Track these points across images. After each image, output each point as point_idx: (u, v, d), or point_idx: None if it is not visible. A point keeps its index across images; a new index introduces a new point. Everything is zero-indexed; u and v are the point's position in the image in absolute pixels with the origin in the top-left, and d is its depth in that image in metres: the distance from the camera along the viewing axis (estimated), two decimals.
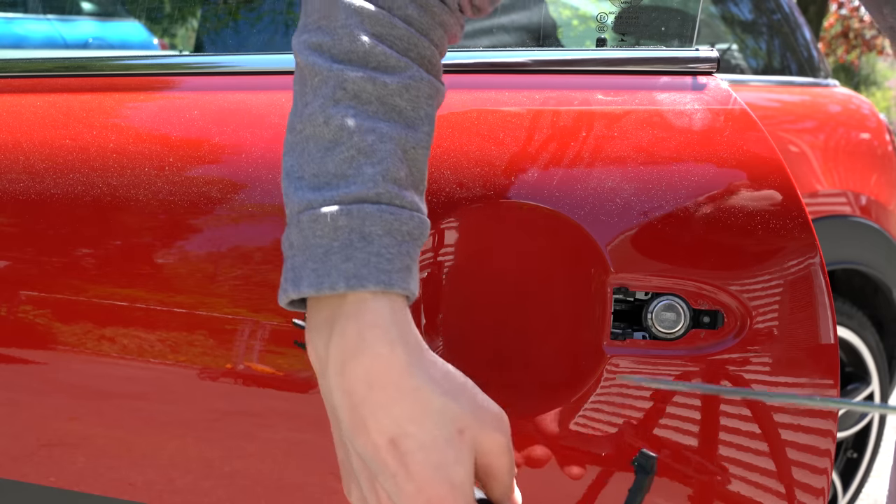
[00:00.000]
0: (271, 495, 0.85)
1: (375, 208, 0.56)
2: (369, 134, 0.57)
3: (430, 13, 0.62)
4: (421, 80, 0.61)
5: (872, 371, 2.17)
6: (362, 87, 0.58)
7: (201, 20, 1.68)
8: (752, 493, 0.79)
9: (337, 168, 0.57)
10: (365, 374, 0.55)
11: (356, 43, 0.59)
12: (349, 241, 0.55)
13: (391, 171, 0.57)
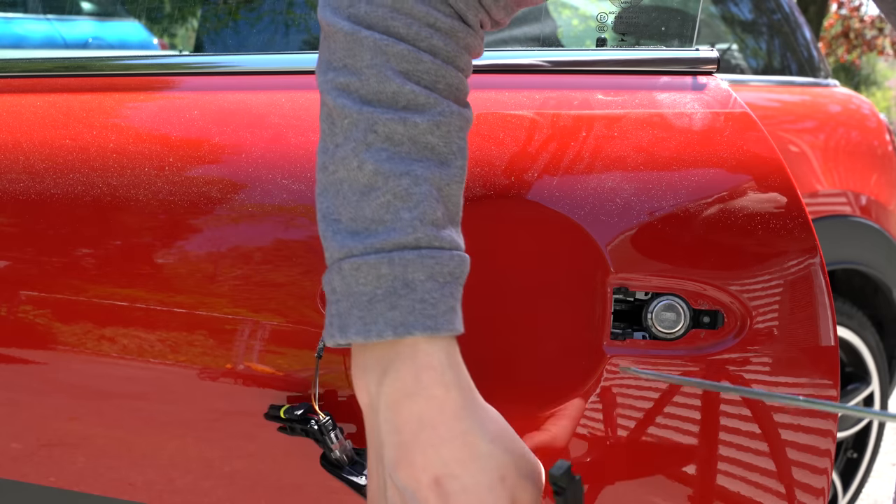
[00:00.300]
0: (271, 495, 0.85)
1: (416, 254, 0.57)
2: (404, 178, 0.57)
3: (454, 39, 0.61)
4: (451, 115, 0.61)
5: (872, 371, 2.17)
6: (393, 129, 0.58)
7: (201, 20, 1.68)
8: (752, 493, 0.79)
9: (374, 213, 0.57)
10: (418, 413, 0.57)
11: (384, 83, 0.58)
12: (393, 288, 0.56)
13: (428, 213, 0.58)
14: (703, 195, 0.79)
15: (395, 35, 0.59)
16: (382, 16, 0.59)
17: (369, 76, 0.59)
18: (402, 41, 0.59)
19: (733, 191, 0.79)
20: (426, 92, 0.59)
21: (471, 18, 0.63)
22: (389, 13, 0.59)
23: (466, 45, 0.63)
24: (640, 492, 0.80)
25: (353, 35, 0.59)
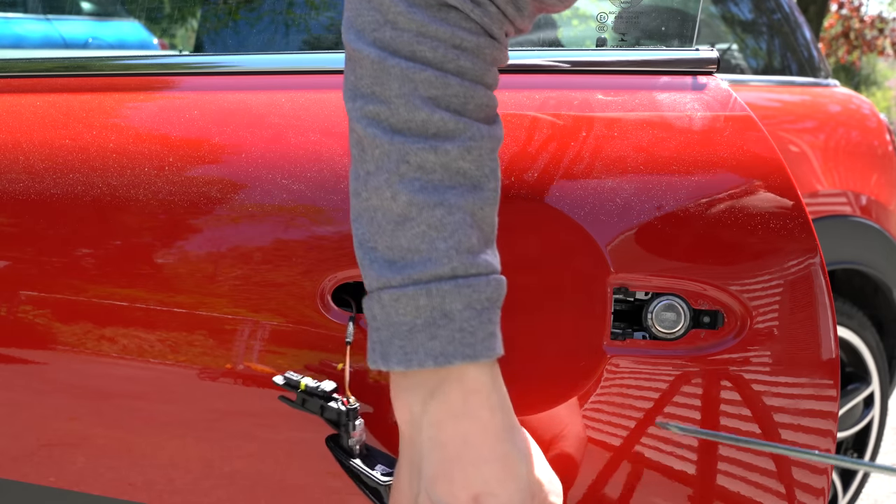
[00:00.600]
0: (271, 495, 0.85)
1: (452, 284, 0.58)
2: (438, 208, 0.58)
3: (481, 57, 0.61)
4: (482, 138, 0.61)
5: (872, 371, 2.17)
6: (425, 158, 0.58)
7: (201, 20, 1.68)
8: (752, 493, 0.79)
9: (410, 243, 0.58)
10: (463, 434, 0.59)
11: (414, 112, 0.59)
12: (431, 319, 0.58)
13: (463, 242, 0.59)
14: (703, 195, 0.79)
15: (422, 59, 0.59)
16: (408, 40, 0.59)
17: (398, 105, 0.59)
18: (428, 66, 0.59)
19: (733, 191, 0.79)
20: (456, 117, 0.59)
21: (496, 31, 0.62)
22: (415, 37, 0.59)
23: (494, 59, 0.63)
24: (640, 492, 0.80)
25: (380, 63, 0.59)
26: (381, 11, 0.59)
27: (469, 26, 0.60)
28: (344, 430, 0.76)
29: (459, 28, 0.60)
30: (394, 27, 0.59)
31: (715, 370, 0.78)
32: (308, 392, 0.77)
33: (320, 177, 0.82)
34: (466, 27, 0.60)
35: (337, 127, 0.86)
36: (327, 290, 0.81)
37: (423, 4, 0.59)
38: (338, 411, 0.76)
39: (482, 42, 0.61)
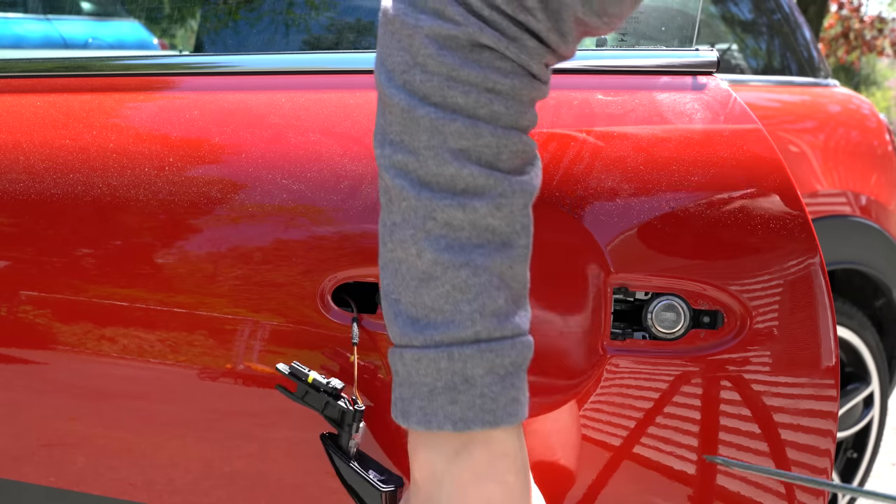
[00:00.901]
0: (271, 495, 0.85)
1: (475, 349, 0.56)
2: (463, 269, 0.56)
3: (517, 99, 0.58)
4: (513, 193, 0.58)
5: (872, 371, 2.17)
6: (452, 216, 0.56)
7: (201, 20, 1.68)
8: (752, 493, 0.79)
9: (433, 302, 0.57)
10: (487, 496, 0.58)
11: (442, 166, 0.56)
12: (452, 383, 0.57)
13: (488, 304, 0.57)
14: (703, 195, 0.79)
15: (453, 106, 0.56)
16: (438, 85, 0.56)
17: (427, 158, 0.57)
18: (459, 114, 0.56)
19: (733, 191, 0.79)
20: (486, 172, 0.57)
21: (535, 67, 0.59)
22: (445, 81, 0.56)
23: (532, 99, 0.60)
24: (640, 492, 0.80)
25: (409, 112, 0.57)
26: (410, 53, 0.57)
27: (503, 66, 0.57)
28: (346, 431, 0.76)
29: (492, 70, 0.57)
30: (423, 70, 0.56)
31: (715, 370, 0.78)
32: (315, 387, 0.76)
33: (320, 177, 0.82)
34: (500, 67, 0.57)
35: (337, 127, 0.86)
36: (327, 290, 0.81)
37: (454, 45, 0.56)
38: (342, 410, 0.75)
39: (517, 83, 0.58)
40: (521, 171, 0.60)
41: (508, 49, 0.57)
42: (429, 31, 0.56)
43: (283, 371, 0.77)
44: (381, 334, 0.81)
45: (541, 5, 0.56)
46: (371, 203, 0.81)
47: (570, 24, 0.58)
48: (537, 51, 0.58)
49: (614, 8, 0.58)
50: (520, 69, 0.58)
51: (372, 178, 0.81)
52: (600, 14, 0.58)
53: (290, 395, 0.77)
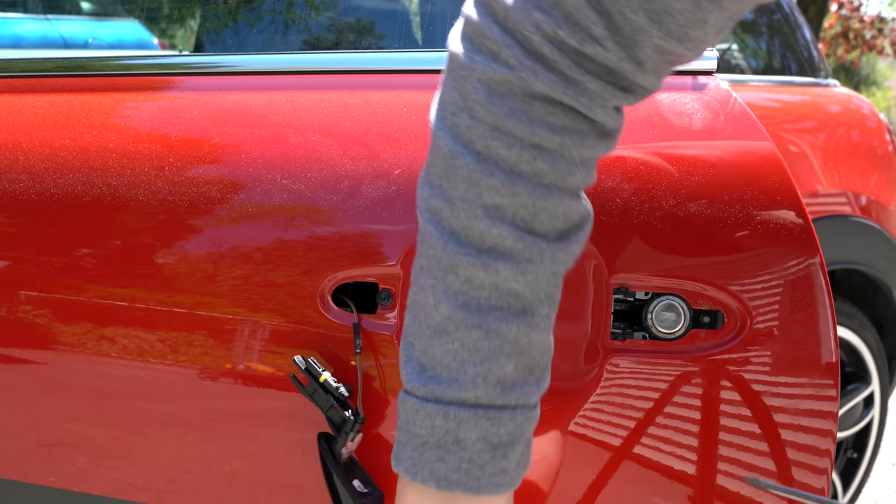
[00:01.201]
0: (271, 495, 0.85)
1: (471, 413, 0.55)
2: (475, 330, 0.55)
3: (565, 157, 0.55)
4: (542, 261, 0.55)
5: (872, 371, 2.17)
6: (474, 274, 0.55)
7: (201, 20, 1.68)
8: (752, 493, 0.79)
9: (441, 357, 0.56)
10: None
11: (473, 221, 0.55)
12: (443, 441, 0.56)
13: (494, 371, 0.55)
14: (703, 195, 0.79)
15: (494, 158, 0.54)
16: (483, 133, 0.54)
17: (460, 209, 0.55)
18: (498, 167, 0.54)
19: (733, 191, 0.79)
20: (517, 234, 0.55)
21: (598, 114, 0.55)
22: (490, 131, 0.54)
23: (583, 158, 0.56)
24: (640, 492, 0.80)
25: (451, 159, 0.55)
26: (462, 94, 0.55)
27: (555, 121, 0.54)
28: (343, 437, 0.77)
29: (542, 124, 0.54)
30: (471, 115, 0.54)
31: (715, 370, 0.78)
32: (324, 387, 0.77)
33: (320, 177, 0.82)
34: (551, 122, 0.54)
35: (337, 127, 0.86)
36: (327, 290, 0.81)
37: (506, 92, 0.53)
38: (344, 417, 0.77)
39: (567, 140, 0.54)
40: (559, 236, 0.56)
41: (566, 94, 0.53)
42: (482, 75, 0.54)
43: (298, 364, 0.77)
44: (381, 334, 0.81)
45: (610, 34, 0.52)
46: (371, 203, 0.81)
47: (647, 51, 0.53)
48: (600, 94, 0.54)
49: (696, 31, 0.53)
50: (573, 124, 0.55)
51: (372, 178, 0.81)
52: (681, 39, 0.53)
53: (300, 388, 0.78)
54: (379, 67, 0.93)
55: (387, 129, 0.84)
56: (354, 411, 0.78)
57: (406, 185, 0.80)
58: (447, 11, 1.14)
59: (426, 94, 0.86)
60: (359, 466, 0.80)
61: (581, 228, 0.58)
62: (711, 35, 0.54)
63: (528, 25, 0.52)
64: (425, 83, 0.88)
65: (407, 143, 0.83)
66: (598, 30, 0.52)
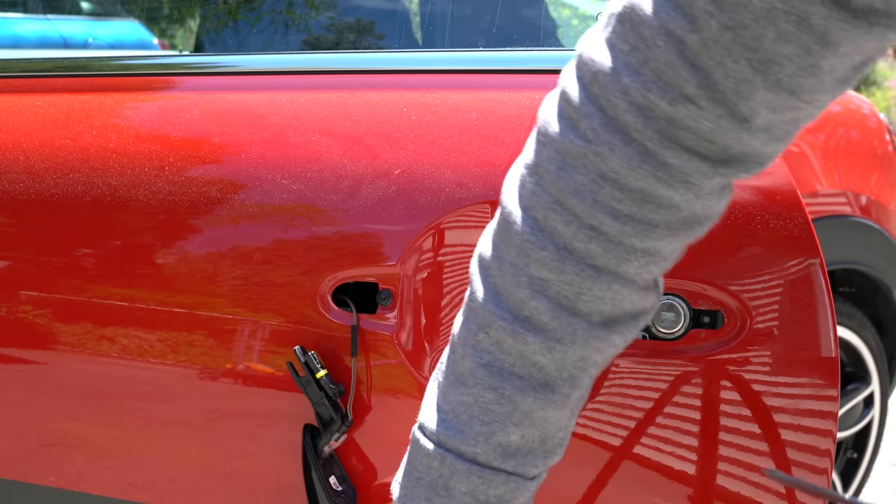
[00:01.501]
0: (271, 495, 0.85)
1: (466, 466, 0.55)
2: (490, 391, 0.55)
3: (622, 246, 0.52)
4: (573, 342, 0.53)
5: (872, 371, 2.17)
6: (503, 338, 0.54)
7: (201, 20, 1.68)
8: (752, 493, 0.79)
9: (455, 406, 0.56)
10: None
11: (516, 287, 0.54)
12: (434, 484, 0.56)
13: (498, 434, 0.55)
14: None
15: (550, 229, 0.52)
16: (544, 203, 0.53)
17: (506, 272, 0.54)
18: (551, 241, 0.52)
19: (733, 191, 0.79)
20: (555, 311, 0.53)
21: (677, 193, 0.51)
22: (552, 203, 0.52)
23: (646, 248, 0.52)
24: (640, 492, 0.80)
25: (509, 222, 0.54)
26: (537, 158, 0.53)
27: (620, 208, 0.51)
28: (329, 435, 0.78)
29: (605, 208, 0.51)
30: (539, 181, 0.53)
31: (715, 370, 0.78)
32: (319, 384, 0.78)
33: (320, 177, 0.82)
34: (615, 209, 0.51)
35: (337, 127, 0.86)
36: (327, 290, 0.81)
37: (578, 167, 0.51)
38: (333, 417, 0.78)
39: (628, 229, 0.51)
40: (605, 322, 0.54)
41: (641, 169, 0.50)
42: (559, 146, 0.52)
43: (298, 355, 0.78)
44: (380, 334, 0.81)
45: (705, 92, 0.48)
46: (371, 203, 0.81)
47: (752, 105, 0.48)
48: (682, 169, 0.50)
49: (808, 79, 0.48)
50: (640, 213, 0.51)
51: (372, 178, 0.81)
52: (793, 90, 0.48)
53: (296, 378, 0.78)
54: (379, 67, 0.93)
55: (387, 129, 0.84)
56: (344, 413, 0.79)
57: (406, 185, 0.80)
58: (447, 11, 1.14)
59: (426, 94, 0.86)
60: (337, 463, 0.81)
61: (634, 321, 0.55)
62: (830, 85, 0.49)
63: (615, 91, 0.49)
64: (426, 83, 0.88)
65: (407, 143, 0.83)
66: (691, 87, 0.48)
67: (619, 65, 0.49)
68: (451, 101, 0.85)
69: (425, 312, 0.81)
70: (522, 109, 0.84)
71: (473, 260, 0.57)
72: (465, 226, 0.80)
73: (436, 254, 0.81)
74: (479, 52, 0.95)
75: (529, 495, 0.57)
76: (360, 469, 0.82)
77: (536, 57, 0.91)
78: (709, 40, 0.47)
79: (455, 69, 0.91)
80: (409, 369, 0.80)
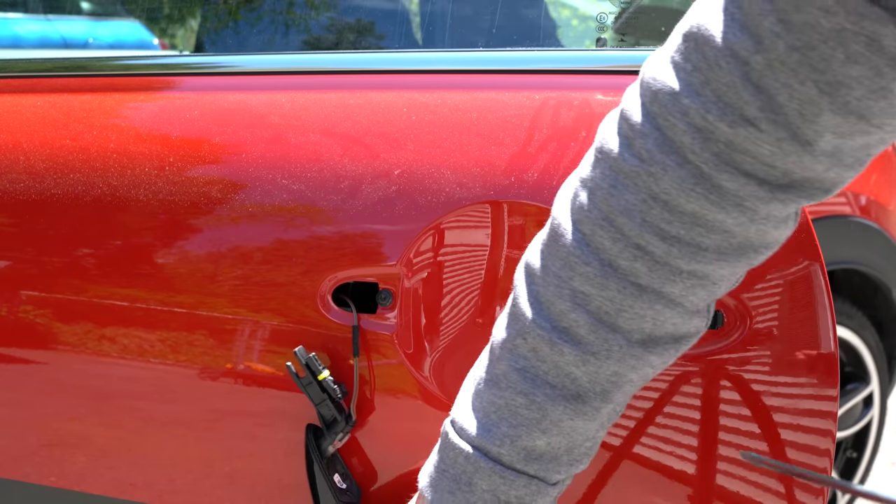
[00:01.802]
0: (271, 495, 0.85)
1: (490, 465, 0.56)
2: (521, 396, 0.55)
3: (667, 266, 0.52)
4: (608, 358, 0.53)
5: (872, 371, 2.17)
6: (540, 346, 0.54)
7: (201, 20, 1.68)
8: (752, 493, 0.79)
9: (486, 404, 0.57)
10: None
11: (557, 298, 0.54)
12: (458, 478, 0.57)
13: (524, 438, 0.55)
14: None
15: (596, 245, 0.52)
16: (593, 219, 0.52)
17: (550, 283, 0.54)
18: (597, 256, 0.52)
19: None
20: (593, 324, 0.53)
21: (731, 218, 0.50)
22: (601, 219, 0.52)
23: (693, 270, 0.52)
24: (641, 492, 0.80)
25: (557, 235, 0.54)
26: (591, 173, 0.53)
27: (669, 229, 0.51)
28: (332, 436, 0.78)
29: (653, 229, 0.51)
30: (590, 197, 0.53)
31: (715, 370, 0.78)
32: (321, 386, 0.77)
33: (320, 177, 0.82)
34: (664, 230, 0.51)
35: (337, 127, 0.86)
36: (327, 290, 0.81)
37: (630, 187, 0.51)
38: (336, 418, 0.78)
39: (675, 250, 0.51)
40: (644, 340, 0.54)
41: (693, 191, 0.49)
42: (613, 163, 0.52)
43: (299, 357, 0.78)
44: (380, 335, 0.81)
45: (766, 115, 0.47)
46: (371, 203, 0.81)
47: (817, 129, 0.47)
48: (738, 193, 0.49)
49: (879, 102, 0.46)
50: (688, 236, 0.51)
51: (372, 178, 0.81)
52: (863, 114, 0.46)
53: (295, 379, 0.78)
54: (379, 67, 0.93)
55: (387, 129, 0.84)
56: (347, 413, 0.79)
57: (406, 185, 0.80)
58: (447, 11, 1.15)
59: (426, 94, 0.86)
60: (340, 461, 0.81)
61: (675, 343, 0.55)
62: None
63: (674, 111, 0.49)
64: (426, 83, 0.88)
65: (407, 143, 0.83)
66: (752, 110, 0.47)
67: (681, 84, 0.49)
68: (451, 101, 0.85)
69: (425, 312, 0.81)
70: (522, 109, 0.84)
71: (520, 265, 0.57)
72: (465, 226, 0.80)
73: (436, 254, 0.81)
74: (479, 52, 0.95)
75: (550, 500, 0.58)
76: (359, 468, 0.82)
77: (536, 57, 0.91)
78: (774, 61, 0.46)
79: (455, 69, 0.91)
80: (409, 369, 0.80)
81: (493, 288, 0.80)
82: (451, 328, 0.81)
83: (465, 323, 0.81)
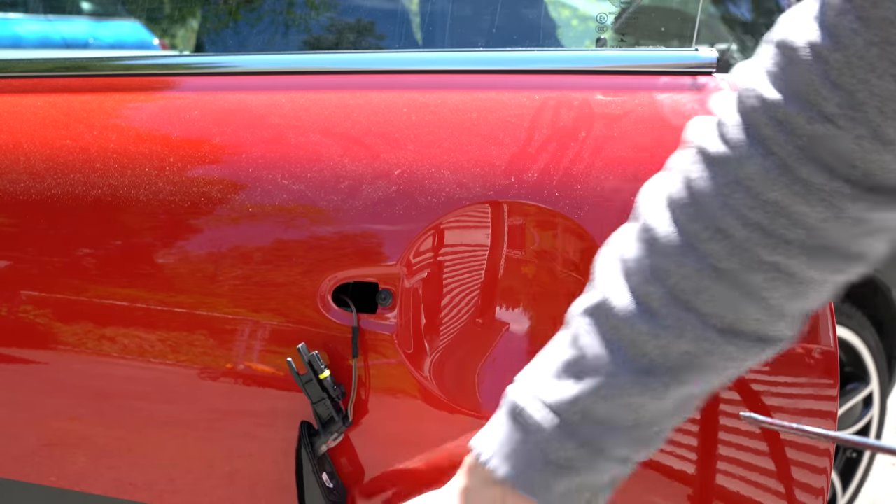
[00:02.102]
0: (271, 495, 0.85)
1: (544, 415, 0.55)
2: (592, 359, 0.54)
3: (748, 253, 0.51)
4: (680, 337, 0.53)
5: (872, 371, 2.17)
6: (614, 315, 0.54)
7: (201, 20, 1.69)
8: (752, 493, 0.79)
9: (551, 363, 0.57)
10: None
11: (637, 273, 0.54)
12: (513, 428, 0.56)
13: (584, 399, 0.54)
14: None
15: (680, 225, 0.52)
16: (676, 202, 0.53)
17: (631, 261, 0.54)
18: (679, 234, 0.52)
19: None
20: (667, 299, 0.53)
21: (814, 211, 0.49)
22: (684, 202, 0.53)
23: (775, 262, 0.51)
24: (640, 492, 0.80)
25: (641, 212, 0.55)
26: (683, 159, 0.54)
27: (750, 215, 0.51)
28: (327, 435, 0.78)
29: (734, 213, 0.51)
30: (674, 180, 0.54)
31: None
32: (321, 384, 0.78)
33: (320, 177, 0.82)
34: (745, 215, 0.51)
35: (337, 127, 0.86)
36: (327, 290, 0.81)
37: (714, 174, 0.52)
38: (332, 417, 0.78)
39: (754, 237, 0.51)
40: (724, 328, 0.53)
41: (779, 181, 0.49)
42: (700, 146, 0.52)
43: (302, 354, 0.78)
44: (380, 334, 0.81)
45: (845, 112, 0.47)
46: (371, 203, 0.81)
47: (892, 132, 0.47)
48: (822, 188, 0.49)
49: None
50: (771, 225, 0.51)
51: (372, 178, 0.81)
52: None
53: (295, 376, 0.78)
54: (379, 67, 0.93)
55: (387, 130, 0.84)
56: (344, 414, 0.79)
57: (406, 185, 0.80)
58: (447, 11, 1.15)
59: (426, 94, 0.86)
60: (328, 460, 0.82)
61: (760, 343, 0.54)
62: None
63: (758, 108, 0.50)
64: (426, 83, 0.88)
65: (407, 143, 0.83)
66: (831, 107, 0.47)
67: (765, 82, 0.50)
68: (451, 101, 0.85)
69: (425, 312, 0.81)
70: (522, 109, 0.85)
71: (605, 247, 0.57)
72: (465, 226, 0.80)
73: (436, 254, 0.81)
74: (479, 52, 0.95)
75: (604, 478, 0.56)
76: (349, 468, 0.82)
77: (536, 57, 0.91)
78: (853, 57, 0.46)
79: (455, 69, 0.91)
80: (408, 369, 0.80)
81: (493, 288, 0.80)
82: (450, 328, 0.81)
83: (465, 323, 0.81)
